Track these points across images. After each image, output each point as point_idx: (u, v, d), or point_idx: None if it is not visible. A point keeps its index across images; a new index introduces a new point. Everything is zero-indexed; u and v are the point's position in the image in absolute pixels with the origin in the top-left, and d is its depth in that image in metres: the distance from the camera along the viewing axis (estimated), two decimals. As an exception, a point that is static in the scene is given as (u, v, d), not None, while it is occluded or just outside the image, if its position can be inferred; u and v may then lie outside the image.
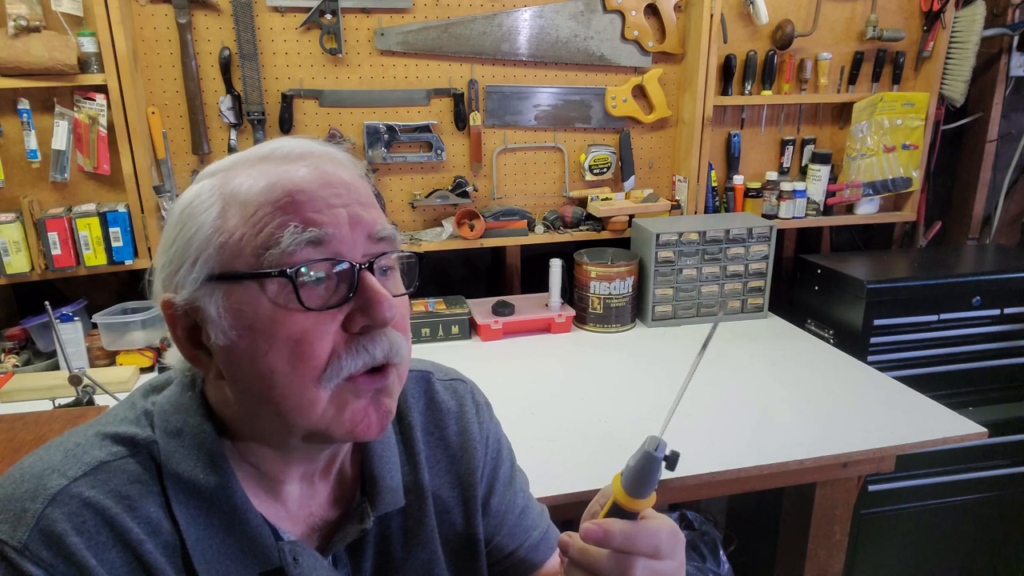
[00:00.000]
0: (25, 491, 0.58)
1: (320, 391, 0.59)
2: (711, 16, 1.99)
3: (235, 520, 0.63)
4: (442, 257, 2.19)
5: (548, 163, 2.14)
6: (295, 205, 0.58)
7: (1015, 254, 2.21)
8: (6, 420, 1.38)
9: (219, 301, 0.59)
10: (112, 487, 0.60)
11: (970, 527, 2.09)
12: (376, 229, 0.62)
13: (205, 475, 0.62)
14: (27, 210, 1.70)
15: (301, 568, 0.64)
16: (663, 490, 1.30)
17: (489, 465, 0.83)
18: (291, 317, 0.58)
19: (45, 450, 0.62)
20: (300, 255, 0.58)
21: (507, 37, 1.98)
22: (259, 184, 0.60)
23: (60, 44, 1.63)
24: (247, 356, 0.59)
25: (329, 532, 0.70)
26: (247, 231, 0.58)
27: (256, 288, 0.58)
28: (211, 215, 0.60)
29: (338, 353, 0.59)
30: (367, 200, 0.63)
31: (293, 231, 0.57)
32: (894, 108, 2.20)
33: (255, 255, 0.58)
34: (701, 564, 1.95)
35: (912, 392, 1.60)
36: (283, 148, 0.63)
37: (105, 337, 1.73)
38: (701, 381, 1.68)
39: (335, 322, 0.60)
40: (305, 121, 1.94)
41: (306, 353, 0.58)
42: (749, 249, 2.04)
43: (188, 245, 0.60)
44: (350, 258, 0.60)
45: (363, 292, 0.60)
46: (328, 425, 0.61)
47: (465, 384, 0.85)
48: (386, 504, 0.71)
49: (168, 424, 0.64)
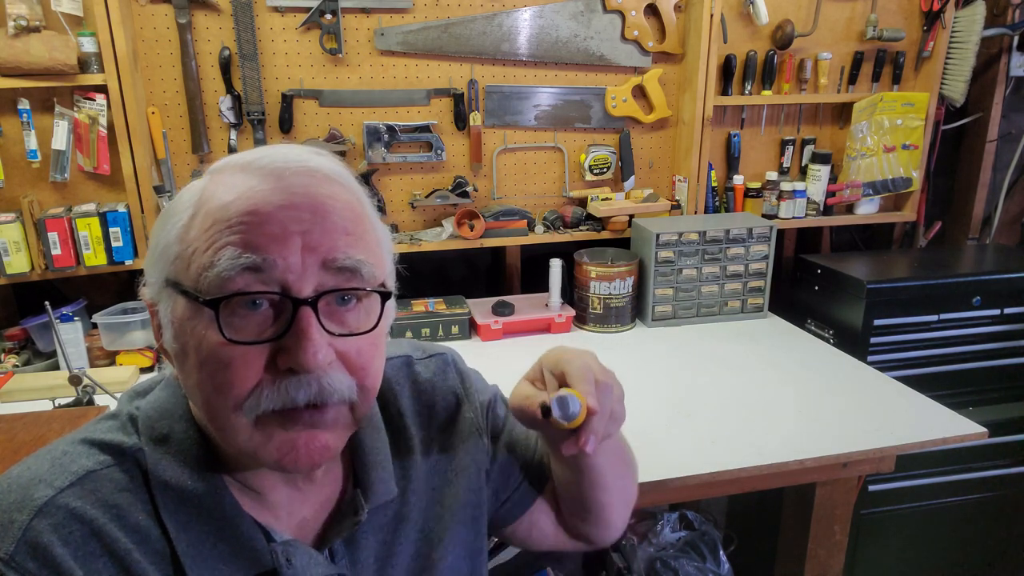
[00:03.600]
0: (12, 502, 0.58)
1: (241, 418, 0.58)
2: (711, 16, 1.99)
3: (225, 525, 0.62)
4: (442, 257, 2.19)
5: (548, 163, 2.14)
6: (245, 226, 0.56)
7: (1015, 254, 2.21)
8: (6, 420, 1.38)
9: (167, 309, 0.60)
10: (99, 496, 0.59)
11: (970, 527, 2.09)
12: (335, 257, 0.58)
13: (193, 482, 0.62)
14: (27, 210, 1.70)
15: (295, 568, 0.64)
16: (663, 490, 1.30)
17: (489, 422, 0.84)
18: (218, 344, 0.56)
19: (33, 459, 0.62)
20: (236, 282, 0.56)
21: (507, 37, 1.98)
22: (224, 198, 0.58)
23: (60, 44, 1.63)
24: (184, 372, 0.60)
25: (324, 527, 0.70)
26: (199, 245, 0.57)
27: (192, 307, 0.57)
28: (180, 221, 0.60)
29: (260, 388, 0.57)
30: (339, 224, 0.59)
31: (231, 255, 0.55)
32: (894, 108, 2.20)
33: (197, 272, 0.57)
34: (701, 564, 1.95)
35: (912, 392, 1.60)
36: (267, 158, 0.61)
37: (105, 337, 1.73)
38: (701, 381, 1.68)
39: (263, 355, 0.57)
40: (305, 121, 1.94)
41: (227, 382, 0.57)
42: (749, 249, 2.04)
43: (156, 246, 0.61)
44: (296, 289, 0.57)
45: (294, 332, 0.57)
46: (256, 450, 0.59)
47: (444, 356, 0.85)
48: (379, 496, 0.72)
49: (153, 431, 0.64)
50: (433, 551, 0.76)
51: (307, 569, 0.65)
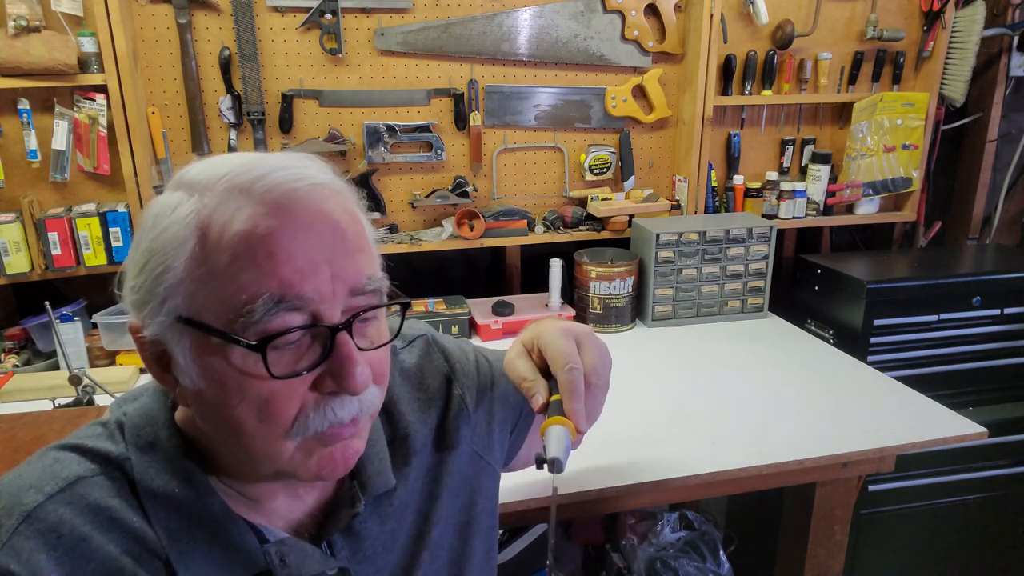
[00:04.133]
0: (2, 508, 0.58)
1: (287, 443, 0.59)
2: (711, 16, 1.99)
3: (217, 530, 0.63)
4: (442, 257, 2.19)
5: (548, 163, 2.14)
6: (272, 261, 0.55)
7: (1015, 254, 2.21)
8: (6, 420, 1.38)
9: (187, 350, 0.57)
10: (90, 502, 0.59)
11: (970, 527, 2.09)
12: (361, 283, 0.59)
13: (181, 489, 0.62)
14: (27, 210, 1.70)
15: (289, 568, 0.64)
16: (663, 490, 1.30)
17: (481, 381, 0.86)
18: (260, 381, 0.57)
19: (25, 466, 0.62)
20: (274, 323, 0.55)
21: (507, 37, 1.98)
22: (235, 228, 0.55)
23: (60, 44, 1.63)
24: (215, 405, 0.59)
25: (321, 520, 0.71)
26: (220, 282, 0.55)
27: (225, 347, 0.56)
28: (183, 254, 0.56)
29: (306, 412, 0.59)
30: (354, 242, 0.59)
31: (268, 301, 0.54)
32: (894, 108, 2.20)
33: (229, 314, 0.55)
34: (701, 564, 1.95)
35: (912, 392, 1.60)
36: (267, 180, 0.57)
37: (105, 337, 1.73)
38: (701, 381, 1.68)
39: (305, 383, 0.58)
40: (305, 121, 1.94)
41: (273, 413, 0.57)
42: (749, 249, 2.04)
43: (157, 283, 0.57)
44: (328, 318, 0.57)
45: (336, 357, 0.58)
46: (295, 469, 0.61)
47: (425, 336, 0.87)
48: (376, 487, 0.72)
49: (139, 439, 0.64)
50: (431, 530, 0.78)
51: (302, 567, 0.65)
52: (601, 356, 0.72)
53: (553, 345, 0.71)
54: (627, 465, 1.28)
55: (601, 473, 1.27)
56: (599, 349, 0.73)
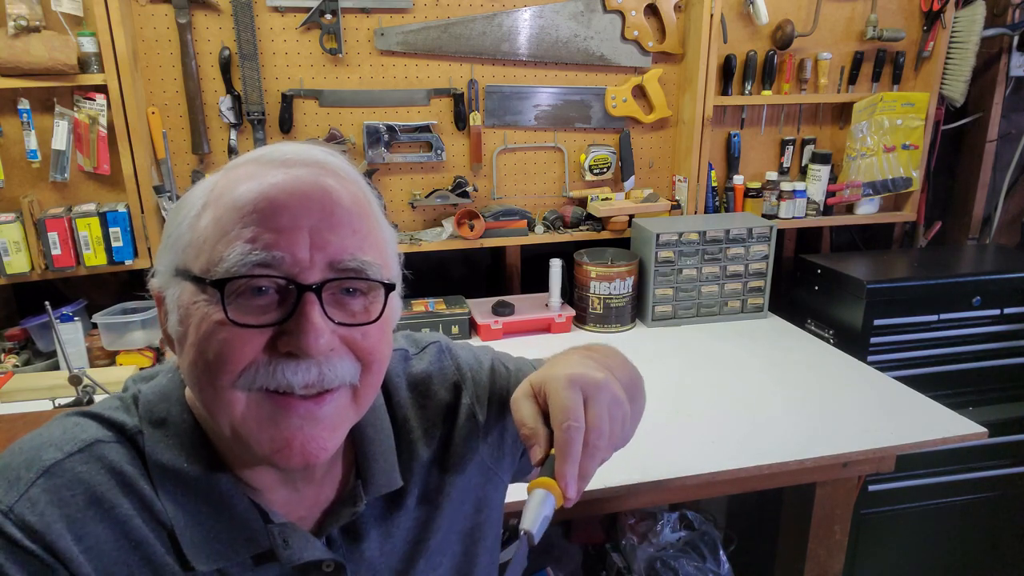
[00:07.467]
0: (22, 461, 0.60)
1: (236, 392, 0.59)
2: (711, 16, 1.99)
3: (222, 507, 0.64)
4: (442, 257, 2.19)
5: (548, 163, 2.14)
6: (256, 215, 0.58)
7: (1015, 254, 2.21)
8: (6, 420, 1.39)
9: (175, 295, 0.62)
10: (106, 463, 0.61)
11: (970, 527, 2.09)
12: (342, 259, 0.60)
13: (189, 464, 0.63)
14: (27, 210, 1.70)
15: (291, 550, 0.65)
16: (663, 490, 1.30)
17: (497, 391, 0.84)
18: (219, 323, 0.58)
19: (46, 427, 0.65)
20: (241, 271, 0.57)
21: (507, 37, 1.98)
22: (236, 189, 0.60)
23: (60, 44, 1.63)
24: (183, 349, 0.61)
25: (323, 515, 0.71)
26: (209, 235, 0.59)
27: (198, 289, 0.59)
28: (192, 212, 0.62)
29: (256, 366, 0.58)
30: (346, 221, 0.60)
31: (241, 251, 0.57)
32: (894, 108, 2.20)
33: (207, 262, 0.58)
34: (701, 564, 1.95)
35: (912, 392, 1.60)
36: (278, 152, 0.63)
37: (105, 337, 1.73)
38: (701, 381, 1.68)
39: (264, 337, 0.58)
40: (305, 121, 1.94)
41: (224, 355, 0.58)
42: (749, 249, 2.04)
43: (168, 237, 0.63)
44: (302, 278, 0.58)
45: (296, 316, 0.58)
46: (249, 436, 0.60)
47: (439, 343, 0.87)
48: (379, 487, 0.72)
49: (152, 413, 0.66)
50: (430, 538, 0.77)
51: (303, 551, 0.66)
52: (611, 414, 0.64)
53: (556, 396, 0.64)
54: (627, 465, 1.28)
55: (601, 473, 1.27)
56: (609, 405, 0.64)
